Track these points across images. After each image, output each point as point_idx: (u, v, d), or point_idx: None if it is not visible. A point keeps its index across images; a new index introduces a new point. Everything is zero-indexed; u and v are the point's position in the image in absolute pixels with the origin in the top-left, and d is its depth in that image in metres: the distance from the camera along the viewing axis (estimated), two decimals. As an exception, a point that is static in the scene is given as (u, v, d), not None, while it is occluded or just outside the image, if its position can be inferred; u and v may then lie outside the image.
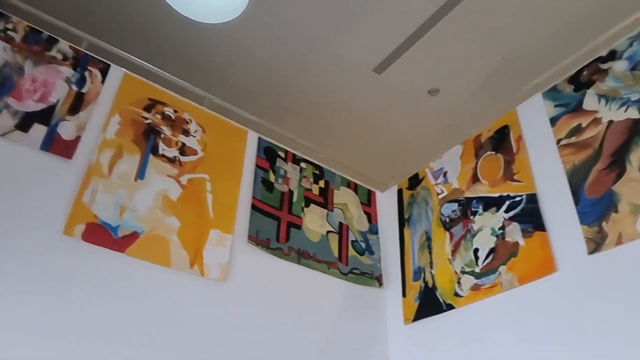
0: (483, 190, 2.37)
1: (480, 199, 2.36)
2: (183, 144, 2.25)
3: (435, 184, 2.68)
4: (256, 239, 2.25)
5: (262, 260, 2.24)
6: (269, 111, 2.96)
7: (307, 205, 2.57)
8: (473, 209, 2.37)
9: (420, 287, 2.46)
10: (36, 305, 1.63)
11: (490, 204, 2.29)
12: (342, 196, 2.78)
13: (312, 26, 2.53)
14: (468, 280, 2.23)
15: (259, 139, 2.57)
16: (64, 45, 2.12)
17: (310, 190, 2.64)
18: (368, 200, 2.92)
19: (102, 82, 2.15)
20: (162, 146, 2.17)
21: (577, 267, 1.84)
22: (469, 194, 2.44)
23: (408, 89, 2.94)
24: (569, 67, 2.22)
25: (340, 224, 2.66)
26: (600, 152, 1.92)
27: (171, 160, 2.17)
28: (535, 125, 2.25)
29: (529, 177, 2.17)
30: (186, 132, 2.29)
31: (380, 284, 2.63)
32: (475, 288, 2.18)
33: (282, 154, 2.62)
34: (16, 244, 1.68)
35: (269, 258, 2.27)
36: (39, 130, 1.88)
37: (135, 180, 2.02)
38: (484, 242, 2.24)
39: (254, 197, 2.36)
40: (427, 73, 2.84)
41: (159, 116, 2.24)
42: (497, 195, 2.28)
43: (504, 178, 2.29)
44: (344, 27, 2.53)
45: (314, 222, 2.54)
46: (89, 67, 2.14)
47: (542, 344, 1.83)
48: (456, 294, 2.25)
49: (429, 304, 2.37)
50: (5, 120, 1.82)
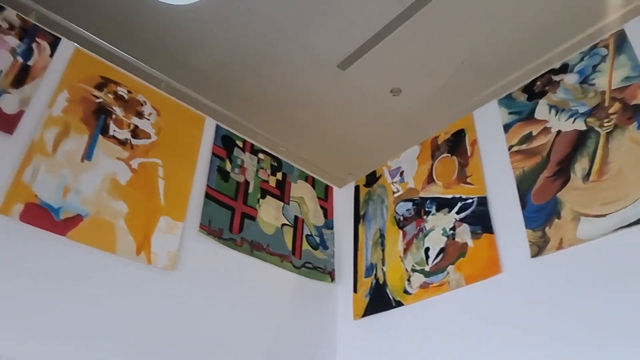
0: (437, 191, 2.41)
1: (434, 200, 2.41)
2: (136, 127, 2.16)
3: (392, 183, 2.71)
4: (208, 228, 2.20)
5: (213, 251, 2.19)
6: (229, 99, 2.90)
7: (263, 197, 2.53)
8: (427, 209, 2.42)
9: (372, 283, 2.49)
10: (-37, 288, 1.52)
11: (443, 204, 2.34)
12: (299, 190, 2.76)
13: (280, 16, 2.49)
14: (418, 278, 2.27)
15: (217, 127, 2.50)
16: (10, 13, 1.98)
17: (267, 181, 2.61)
18: (325, 195, 2.92)
19: (51, 56, 2.03)
20: (113, 127, 2.08)
21: (520, 270, 1.91)
22: (423, 194, 2.48)
23: (371, 87, 2.96)
24: (524, 76, 2.29)
25: (296, 217, 2.64)
26: (548, 160, 2.00)
27: (122, 143, 2.08)
28: (490, 130, 2.31)
29: (481, 181, 2.23)
30: (140, 115, 2.20)
31: (332, 279, 2.64)
32: (424, 286, 2.23)
33: (240, 144, 2.57)
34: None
35: (220, 248, 2.22)
36: (-24, 102, 1.76)
37: (82, 161, 1.92)
38: (435, 241, 2.29)
39: (208, 185, 2.30)
40: (390, 73, 2.87)
41: (111, 96, 2.14)
42: (450, 196, 2.33)
43: (457, 180, 2.34)
44: (312, 20, 2.51)
45: (269, 214, 2.51)
46: (37, 39, 2.01)
47: (486, 341, 1.89)
48: (406, 292, 2.29)
49: (379, 300, 2.40)
50: (-61, 88, 1.68)
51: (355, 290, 2.56)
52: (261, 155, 2.65)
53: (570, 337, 1.65)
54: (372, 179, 2.86)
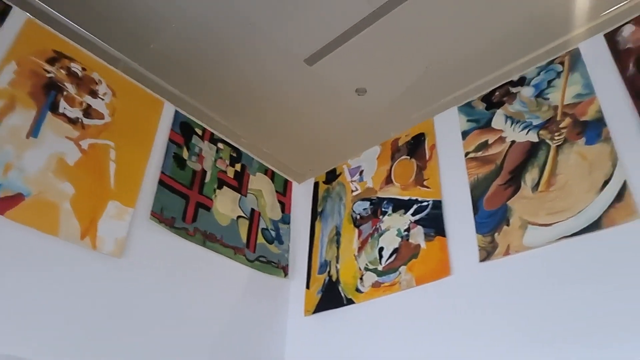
0: (394, 192, 2.45)
1: (391, 200, 2.44)
2: (88, 106, 2.06)
3: (351, 181, 2.72)
4: (160, 216, 2.13)
5: (164, 239, 2.12)
6: (191, 85, 2.82)
7: (219, 187, 2.48)
8: (383, 209, 2.45)
9: (325, 280, 2.49)
10: None
11: (400, 206, 2.38)
12: (258, 182, 2.73)
13: (250, 5, 2.44)
14: (370, 277, 2.29)
15: (176, 112, 2.43)
16: (-45, -26, 1.85)
17: (225, 172, 2.55)
18: (284, 190, 2.89)
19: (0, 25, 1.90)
20: (63, 104, 1.97)
21: (468, 273, 1.97)
22: (381, 194, 2.51)
23: (336, 85, 2.95)
24: (483, 86, 2.36)
25: (253, 210, 2.61)
26: (501, 169, 2.07)
27: (72, 121, 1.97)
28: (449, 136, 2.36)
29: (437, 185, 2.28)
30: (94, 93, 2.09)
31: (286, 274, 2.63)
32: (376, 285, 2.25)
33: (199, 131, 2.51)
34: None
35: (172, 238, 2.16)
36: None
37: (27, 137, 1.81)
38: (389, 242, 2.32)
39: (162, 172, 2.22)
40: (356, 72, 2.88)
41: (63, 71, 2.03)
42: (406, 198, 2.37)
43: (414, 183, 2.38)
44: (282, 11, 2.47)
45: (225, 205, 2.46)
46: (-16, 5, 1.88)
47: (434, 341, 1.93)
48: (357, 290, 2.31)
49: (331, 297, 2.41)
50: None
51: (307, 287, 2.55)
52: (220, 145, 2.60)
53: (514, 339, 1.71)
54: (332, 176, 2.87)
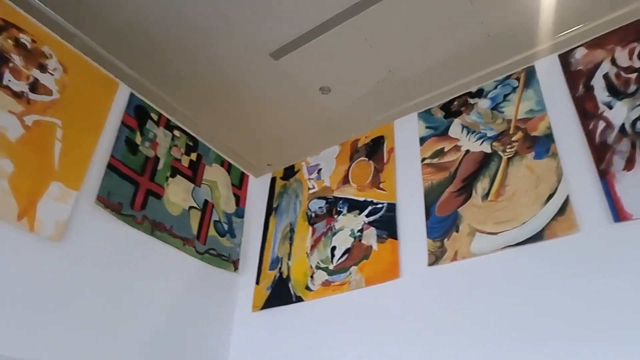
0: (351, 192, 2.46)
1: (346, 200, 2.45)
2: (36, 80, 1.93)
3: (309, 179, 2.72)
4: (106, 201, 2.03)
5: (109, 226, 2.03)
6: (150, 69, 2.72)
7: (172, 176, 2.40)
8: (338, 209, 2.45)
9: (275, 276, 2.47)
10: None
11: (355, 206, 2.39)
12: (214, 174, 2.67)
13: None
14: (321, 276, 2.30)
15: (131, 95, 2.33)
16: None
17: (180, 160, 2.48)
18: (240, 183, 2.84)
19: (-59, -16, 1.75)
20: (8, 76, 1.84)
21: (416, 276, 2.01)
22: (337, 194, 2.51)
23: (301, 82, 2.94)
24: (443, 95, 2.42)
25: (206, 201, 2.55)
26: (455, 177, 2.12)
27: (17, 95, 1.85)
28: (407, 141, 2.40)
29: (392, 188, 2.31)
30: (43, 68, 1.97)
31: (236, 269, 2.58)
32: (326, 284, 2.25)
33: (155, 117, 2.42)
34: None
35: (117, 224, 2.07)
36: None
37: (-36, 107, 1.68)
38: (342, 241, 2.33)
39: (112, 155, 2.13)
40: (322, 70, 2.87)
41: (11, 42, 1.89)
42: (362, 199, 2.39)
43: (371, 184, 2.40)
44: (252, 3, 2.43)
45: (177, 194, 2.39)
46: None
47: (379, 342, 1.95)
48: (307, 288, 2.31)
49: (280, 294, 2.39)
50: None
51: (257, 282, 2.53)
52: (176, 133, 2.52)
53: (458, 342, 1.76)
54: (290, 172, 2.85)
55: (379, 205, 2.30)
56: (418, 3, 2.45)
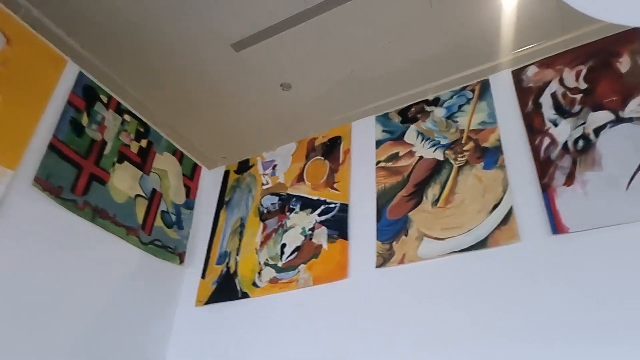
0: (305, 190, 2.45)
1: (299, 198, 2.44)
2: (-27, 48, 1.79)
3: (263, 174, 2.68)
4: (45, 183, 1.91)
5: (46, 209, 1.91)
6: (103, 48, 2.59)
7: (120, 162, 2.30)
8: (291, 206, 2.44)
9: (222, 271, 2.42)
10: None
11: (308, 205, 2.39)
12: (164, 162, 2.57)
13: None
14: (269, 273, 2.27)
15: (80, 74, 2.20)
16: None
17: (129, 146, 2.37)
18: (191, 174, 2.77)
19: None
20: (-59, 41, 1.70)
21: (364, 277, 2.03)
22: (291, 191, 2.50)
23: (262, 76, 2.89)
24: (402, 100, 2.45)
25: (154, 190, 2.46)
26: (407, 181, 2.16)
27: (-50, 62, 1.71)
28: (363, 143, 2.42)
29: (346, 188, 2.32)
30: (-18, 36, 1.83)
31: (181, 261, 2.51)
32: (274, 281, 2.23)
33: (104, 99, 2.30)
34: None
35: (56, 208, 1.95)
36: None
37: None
38: (293, 239, 2.31)
39: (55, 135, 2.00)
40: (284, 66, 2.84)
41: (-53, 4, 1.75)
42: (315, 198, 2.38)
43: (325, 184, 2.40)
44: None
45: (123, 181, 2.29)
46: None
47: (326, 341, 1.95)
48: (254, 284, 2.28)
49: (226, 289, 2.34)
50: None
51: (203, 276, 2.47)
52: (127, 117, 2.41)
53: (402, 344, 1.78)
54: (244, 166, 2.80)
55: (332, 205, 2.30)
56: (383, 8, 2.48)
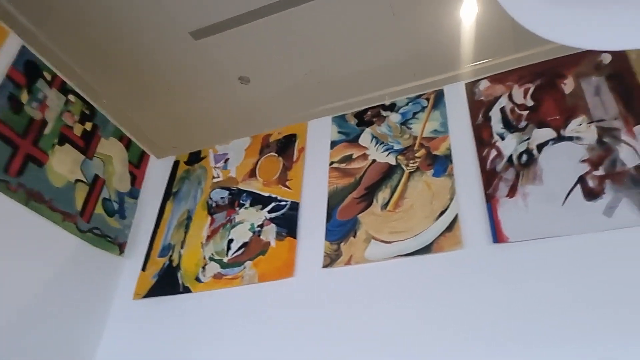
0: (256, 186, 2.42)
1: (250, 194, 2.40)
2: None
3: (214, 167, 2.62)
4: (-26, 161, 1.77)
5: (-27, 190, 1.77)
6: (50, 24, 2.42)
7: (60, 144, 2.16)
8: (241, 201, 2.40)
9: (164, 264, 2.34)
10: None
11: (258, 201, 2.36)
12: (110, 148, 2.46)
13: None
14: (213, 268, 2.22)
15: (23, 49, 2.06)
16: None
17: (71, 128, 2.24)
18: (138, 162, 2.66)
19: None
20: None
21: (310, 276, 2.02)
22: (242, 186, 2.46)
23: (220, 67, 2.82)
24: (359, 103, 2.48)
25: (97, 176, 2.33)
26: (359, 184, 2.18)
27: None
28: (318, 142, 2.43)
29: (298, 187, 2.31)
30: None
31: (121, 252, 2.40)
32: (218, 276, 2.18)
33: (48, 76, 2.16)
34: None
35: (-16, 189, 1.81)
36: None
37: None
38: (240, 235, 2.27)
39: (-11, 110, 1.87)
40: (243, 60, 2.78)
41: None
42: (266, 194, 2.36)
43: (277, 181, 2.38)
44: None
45: (63, 164, 2.16)
46: None
47: (269, 339, 1.93)
48: (197, 279, 2.22)
49: (167, 283, 2.27)
50: None
51: (143, 269, 2.37)
52: (72, 97, 2.28)
53: (344, 343, 1.79)
54: (195, 158, 2.73)
55: (283, 203, 2.29)
56: (346, 12, 2.48)
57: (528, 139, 1.95)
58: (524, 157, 1.91)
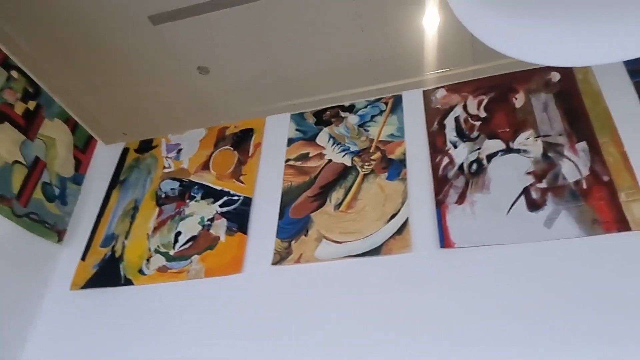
0: (209, 179, 2.36)
1: (202, 187, 2.34)
2: None
3: (166, 157, 2.54)
4: None
5: None
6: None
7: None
8: (192, 194, 2.34)
9: (106, 254, 2.24)
10: None
11: (210, 194, 2.30)
12: (54, 130, 2.32)
13: None
14: (158, 260, 2.15)
15: (-38, 14, 1.92)
16: None
17: (12, 106, 2.10)
18: (84, 147, 2.53)
19: None
20: None
21: (259, 273, 2.00)
22: (194, 178, 2.39)
23: (178, 55, 2.74)
24: (318, 102, 2.48)
25: (37, 158, 2.20)
26: (313, 183, 2.18)
27: None
28: (275, 139, 2.40)
29: (252, 182, 2.27)
30: None
31: (60, 240, 2.28)
32: (163, 270, 2.12)
33: (-11, 48, 2.02)
34: None
35: None
36: None
37: None
38: (189, 228, 2.21)
39: None
40: (203, 49, 2.72)
41: None
42: (219, 188, 2.31)
43: (231, 175, 2.34)
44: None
45: (1, 144, 2.01)
46: None
47: (212, 334, 1.89)
48: (141, 271, 2.14)
49: (108, 274, 2.17)
50: None
51: (83, 258, 2.26)
52: (14, 74, 2.13)
53: (292, 342, 1.77)
54: (146, 146, 2.63)
55: (235, 197, 2.25)
56: (311, 10, 2.48)
57: (479, 148, 2.01)
58: (474, 166, 1.97)
